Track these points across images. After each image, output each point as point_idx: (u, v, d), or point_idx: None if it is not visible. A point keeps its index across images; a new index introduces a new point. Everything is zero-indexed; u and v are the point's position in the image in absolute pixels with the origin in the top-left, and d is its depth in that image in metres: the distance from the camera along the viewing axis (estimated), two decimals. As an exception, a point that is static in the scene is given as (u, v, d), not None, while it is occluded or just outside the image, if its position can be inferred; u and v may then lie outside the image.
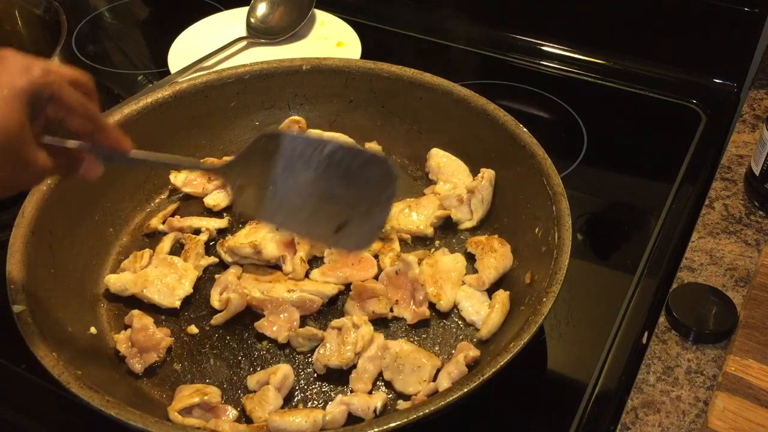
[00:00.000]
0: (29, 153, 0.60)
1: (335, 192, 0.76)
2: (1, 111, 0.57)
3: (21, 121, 0.58)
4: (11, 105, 0.58)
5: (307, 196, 0.76)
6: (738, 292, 0.87)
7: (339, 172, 0.75)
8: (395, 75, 1.03)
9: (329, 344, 0.81)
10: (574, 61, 1.28)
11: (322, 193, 0.76)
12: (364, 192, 0.76)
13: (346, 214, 0.77)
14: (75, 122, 0.65)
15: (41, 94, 0.61)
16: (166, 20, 1.42)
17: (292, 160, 0.76)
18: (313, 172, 0.76)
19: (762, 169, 0.94)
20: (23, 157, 0.60)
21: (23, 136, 0.59)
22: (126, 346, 0.82)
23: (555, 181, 0.86)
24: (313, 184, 0.76)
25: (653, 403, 0.77)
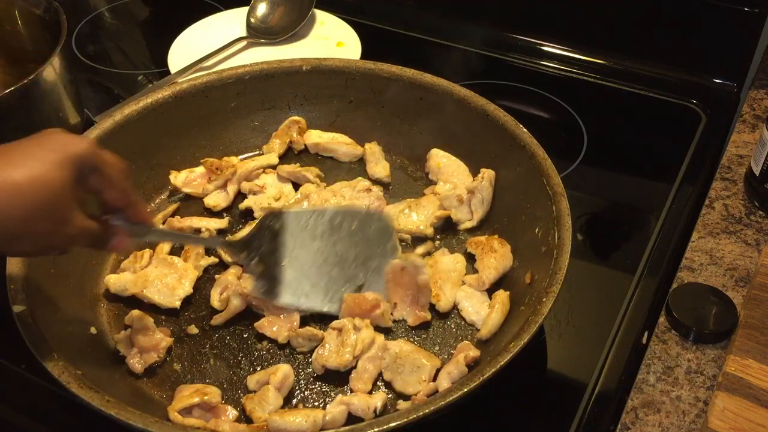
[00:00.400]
0: (70, 211, 0.65)
1: (345, 255, 0.84)
2: (50, 170, 0.62)
3: (66, 180, 0.63)
4: (59, 166, 0.63)
5: (321, 266, 0.84)
6: (738, 292, 0.87)
7: (342, 235, 0.84)
8: (395, 75, 1.03)
9: (328, 345, 0.81)
10: (574, 61, 1.28)
11: (334, 260, 0.84)
12: (370, 248, 0.84)
13: (361, 275, 0.84)
14: (111, 195, 0.71)
15: (86, 163, 0.66)
16: (166, 20, 1.42)
17: (298, 234, 0.83)
18: (320, 241, 0.84)
19: (762, 169, 0.94)
20: (64, 214, 0.65)
21: (66, 194, 0.64)
22: (126, 346, 0.82)
23: (555, 181, 0.86)
24: (323, 252, 0.84)
25: (653, 403, 0.77)
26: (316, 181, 1.01)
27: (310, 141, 1.07)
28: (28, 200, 0.61)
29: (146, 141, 1.00)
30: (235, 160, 1.03)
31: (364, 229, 0.84)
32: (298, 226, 0.83)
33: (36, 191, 0.61)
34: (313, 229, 0.83)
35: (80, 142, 0.66)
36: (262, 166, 1.03)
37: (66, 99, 1.02)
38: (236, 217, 1.00)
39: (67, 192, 0.64)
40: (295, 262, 0.82)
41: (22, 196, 0.60)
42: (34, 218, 0.62)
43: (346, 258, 0.83)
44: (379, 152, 1.05)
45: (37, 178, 0.61)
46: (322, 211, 0.84)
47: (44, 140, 0.65)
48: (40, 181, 0.61)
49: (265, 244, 0.82)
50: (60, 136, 0.66)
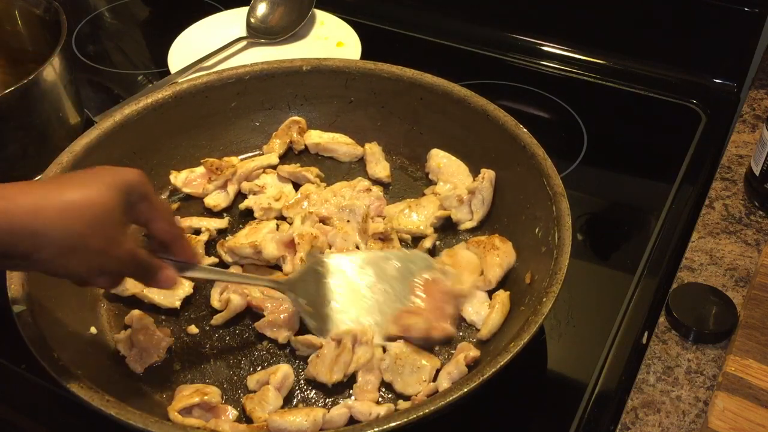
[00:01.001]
0: (120, 234, 0.67)
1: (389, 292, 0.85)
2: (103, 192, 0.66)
3: (117, 203, 0.66)
4: (111, 190, 0.66)
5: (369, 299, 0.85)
6: (738, 292, 0.87)
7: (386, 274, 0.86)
8: (395, 75, 1.03)
9: (323, 356, 0.80)
10: (574, 61, 1.28)
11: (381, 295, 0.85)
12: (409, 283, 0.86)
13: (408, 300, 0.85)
14: (159, 226, 0.72)
15: (137, 191, 0.69)
16: (166, 20, 1.42)
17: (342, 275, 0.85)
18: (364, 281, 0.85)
19: (762, 169, 0.94)
20: (116, 234, 0.67)
21: (117, 216, 0.66)
22: (126, 346, 0.82)
23: (555, 181, 0.86)
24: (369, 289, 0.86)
25: (653, 403, 0.77)
26: (316, 181, 1.01)
27: (310, 141, 1.07)
28: (82, 215, 0.63)
29: (146, 141, 1.00)
30: (236, 160, 1.03)
31: (407, 268, 0.86)
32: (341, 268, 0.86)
33: (90, 207, 0.64)
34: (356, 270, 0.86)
35: (130, 172, 0.69)
36: (263, 166, 1.03)
37: (66, 99, 1.02)
38: (236, 217, 1.00)
39: (118, 214, 0.66)
40: (343, 302, 0.84)
41: (78, 212, 0.63)
42: (88, 233, 0.64)
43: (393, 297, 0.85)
44: (379, 152, 1.05)
45: (91, 197, 0.64)
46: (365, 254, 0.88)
47: (96, 170, 0.68)
48: (94, 200, 0.64)
49: (311, 286, 0.84)
50: (111, 167, 0.70)
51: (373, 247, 0.92)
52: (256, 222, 0.97)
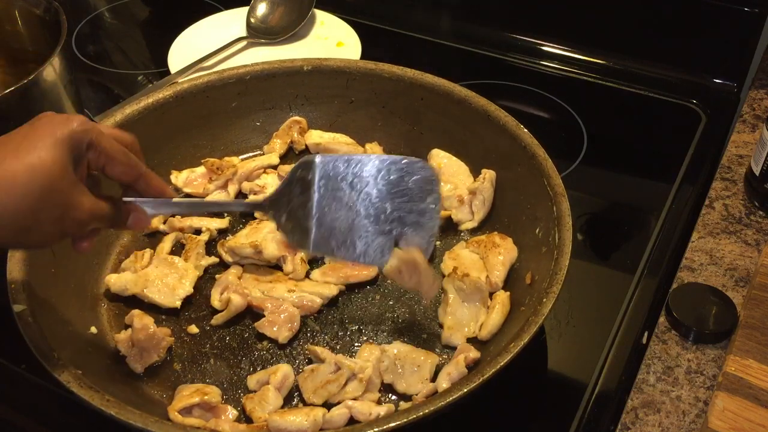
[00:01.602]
0: (75, 195, 0.64)
1: (382, 208, 0.77)
2: (45, 155, 0.61)
3: (63, 163, 0.62)
4: (53, 150, 0.61)
5: (355, 218, 0.77)
6: (738, 292, 0.87)
7: (380, 186, 0.76)
8: (396, 75, 1.03)
9: (316, 373, 0.79)
10: (574, 61, 1.28)
11: (370, 212, 0.77)
12: (410, 201, 0.77)
13: (397, 229, 0.77)
14: (116, 170, 0.68)
15: (81, 141, 0.64)
16: (166, 20, 1.42)
17: (332, 184, 0.76)
18: (355, 192, 0.77)
19: (762, 169, 0.94)
20: (69, 198, 0.63)
21: (66, 177, 0.62)
22: (126, 345, 0.82)
23: (555, 181, 0.86)
24: (358, 204, 0.76)
25: (653, 403, 0.77)
26: (316, 181, 1.01)
27: (310, 141, 1.07)
28: (28, 189, 0.60)
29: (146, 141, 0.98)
30: (236, 160, 1.03)
31: (404, 180, 0.77)
32: (331, 176, 0.76)
33: (35, 179, 0.60)
34: (348, 179, 0.76)
35: (70, 122, 0.64)
36: (263, 166, 1.03)
37: (66, 99, 1.02)
38: (237, 217, 1.00)
39: (67, 174, 0.62)
40: (328, 214, 0.76)
41: (23, 187, 0.60)
42: (39, 207, 0.61)
43: (383, 210, 0.77)
44: (379, 152, 1.05)
45: (33, 165, 0.60)
46: (359, 159, 0.77)
47: (35, 126, 0.63)
48: (37, 167, 0.60)
49: (296, 198, 0.76)
50: (51, 119, 0.64)
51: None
52: (257, 222, 0.97)
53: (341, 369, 0.78)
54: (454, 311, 0.84)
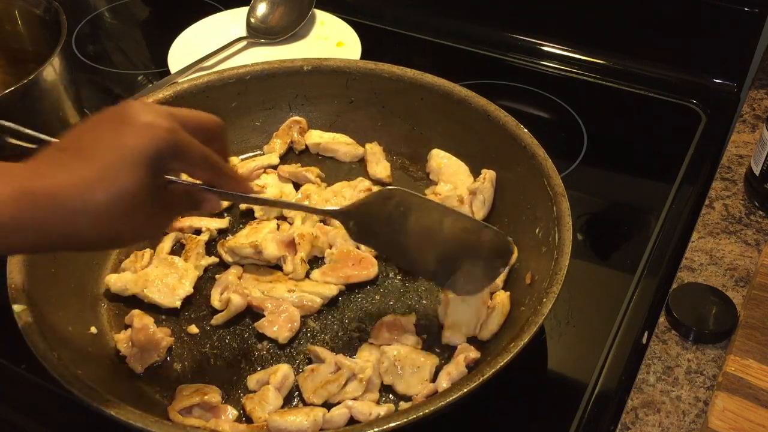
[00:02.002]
0: (147, 213, 0.62)
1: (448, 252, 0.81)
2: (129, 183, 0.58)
3: (143, 183, 0.59)
4: (134, 169, 0.58)
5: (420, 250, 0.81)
6: (738, 292, 0.87)
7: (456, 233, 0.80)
8: (396, 75, 1.03)
9: (316, 373, 0.79)
10: (574, 61, 1.28)
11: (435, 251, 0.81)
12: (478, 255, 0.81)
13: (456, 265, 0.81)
14: (198, 174, 0.67)
15: (167, 156, 0.61)
16: (166, 20, 1.42)
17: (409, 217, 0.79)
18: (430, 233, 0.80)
19: (762, 169, 0.94)
20: (141, 218, 0.61)
21: (144, 200, 0.60)
22: (126, 345, 0.82)
23: (555, 181, 0.86)
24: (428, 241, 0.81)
25: (653, 403, 0.77)
26: (316, 181, 1.01)
27: (310, 141, 1.07)
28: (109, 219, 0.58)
29: (146, 141, 1.00)
30: (236, 160, 1.03)
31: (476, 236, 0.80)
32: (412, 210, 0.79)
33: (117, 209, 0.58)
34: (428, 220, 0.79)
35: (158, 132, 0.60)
36: (263, 166, 1.03)
37: (66, 99, 1.02)
38: (237, 217, 0.99)
39: (149, 196, 0.60)
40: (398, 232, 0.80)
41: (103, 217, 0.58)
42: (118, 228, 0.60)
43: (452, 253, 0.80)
44: (379, 152, 1.05)
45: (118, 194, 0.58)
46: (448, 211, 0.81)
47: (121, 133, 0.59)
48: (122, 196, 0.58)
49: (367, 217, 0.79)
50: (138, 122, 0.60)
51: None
52: (257, 222, 0.97)
53: (341, 369, 0.78)
54: (454, 311, 0.84)
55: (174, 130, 0.61)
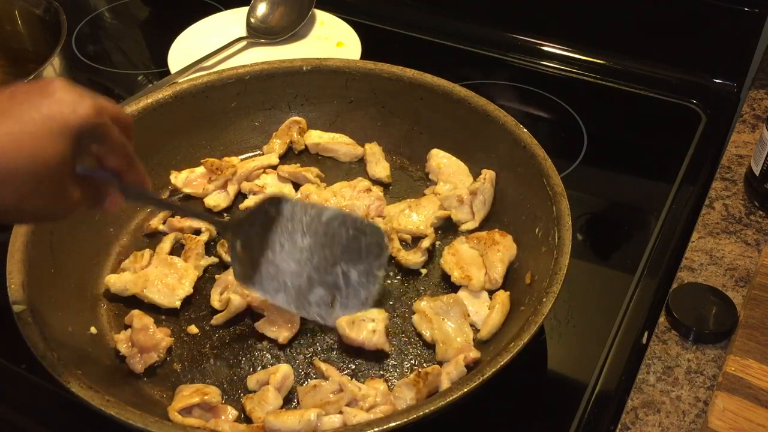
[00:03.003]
0: (66, 187, 0.62)
1: (330, 260, 0.80)
2: (48, 144, 0.58)
3: (65, 156, 0.59)
4: (58, 140, 0.58)
5: (303, 264, 0.80)
6: (738, 292, 0.87)
7: (334, 239, 0.80)
8: (396, 75, 1.03)
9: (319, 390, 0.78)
10: (574, 61, 1.28)
11: (317, 261, 0.80)
12: (357, 261, 0.80)
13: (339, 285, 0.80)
14: (111, 160, 0.66)
15: (89, 135, 0.61)
16: (166, 20, 1.42)
17: (291, 224, 0.80)
18: (310, 239, 0.80)
19: (762, 169, 0.94)
20: (60, 190, 0.61)
21: (63, 170, 0.60)
22: (126, 346, 0.82)
23: (555, 181, 0.86)
24: (309, 251, 0.80)
25: (653, 403, 0.77)
26: (316, 181, 1.01)
27: (310, 141, 1.07)
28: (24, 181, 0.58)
29: (146, 141, 0.99)
30: (236, 160, 1.03)
31: (358, 239, 0.81)
32: (293, 217, 0.80)
33: (34, 172, 0.58)
34: (307, 224, 0.80)
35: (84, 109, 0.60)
36: (263, 166, 1.03)
37: (66, 99, 1.02)
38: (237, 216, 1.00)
39: (65, 168, 0.60)
40: (279, 253, 0.80)
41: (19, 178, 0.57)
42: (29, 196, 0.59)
43: (331, 263, 0.80)
44: (379, 152, 1.05)
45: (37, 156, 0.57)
46: (323, 208, 0.81)
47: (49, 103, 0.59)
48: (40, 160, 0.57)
49: (256, 230, 0.80)
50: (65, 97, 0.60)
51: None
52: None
53: (344, 390, 0.77)
54: (440, 327, 0.84)
55: (100, 110, 0.62)
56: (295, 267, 0.80)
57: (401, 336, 0.85)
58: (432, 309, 0.85)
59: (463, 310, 0.85)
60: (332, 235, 0.80)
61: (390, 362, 0.83)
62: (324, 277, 0.80)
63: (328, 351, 0.84)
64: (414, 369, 0.81)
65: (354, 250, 0.81)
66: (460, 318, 0.84)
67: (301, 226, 0.80)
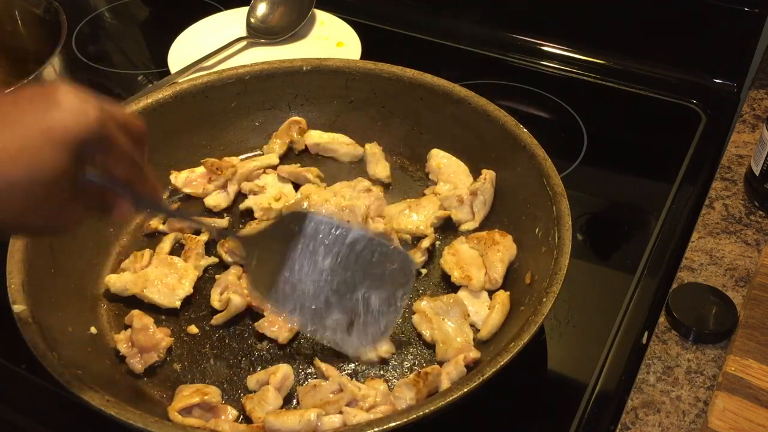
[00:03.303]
0: (68, 200, 0.59)
1: (351, 285, 0.77)
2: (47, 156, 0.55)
3: (65, 168, 0.56)
4: (58, 150, 0.55)
5: (322, 286, 0.77)
6: (738, 292, 0.87)
7: (358, 261, 0.76)
8: (396, 75, 1.03)
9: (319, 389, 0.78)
10: (574, 61, 1.28)
11: (337, 285, 0.77)
12: (380, 285, 0.77)
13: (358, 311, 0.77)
14: (119, 170, 0.63)
15: (93, 146, 0.58)
16: (166, 20, 1.42)
17: (313, 243, 0.76)
18: (331, 260, 0.76)
19: (762, 169, 0.94)
20: (61, 203, 0.58)
21: (64, 183, 0.57)
22: (126, 346, 0.82)
23: (555, 181, 0.86)
24: (330, 273, 0.76)
25: (653, 403, 0.77)
26: (316, 181, 1.01)
27: (310, 141, 1.07)
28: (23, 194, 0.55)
29: (146, 141, 1.00)
30: (236, 161, 1.03)
31: (382, 264, 0.77)
32: (316, 235, 0.76)
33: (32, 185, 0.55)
34: (330, 244, 0.76)
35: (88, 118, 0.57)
36: (263, 167, 1.03)
37: (66, 99, 1.02)
38: (237, 218, 1.00)
39: (66, 180, 0.57)
40: (298, 273, 0.77)
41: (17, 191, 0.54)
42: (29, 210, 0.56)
43: (351, 287, 0.77)
44: (379, 152, 1.05)
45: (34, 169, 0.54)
46: (348, 229, 0.77)
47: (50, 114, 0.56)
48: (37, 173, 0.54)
49: (275, 245, 0.76)
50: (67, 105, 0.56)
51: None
52: (257, 222, 0.97)
53: (344, 390, 0.77)
54: (440, 327, 0.84)
55: (104, 120, 0.58)
56: (313, 289, 0.77)
57: (401, 336, 0.85)
58: (432, 309, 0.85)
59: (463, 310, 0.85)
60: (356, 257, 0.76)
61: (390, 362, 0.83)
62: (343, 301, 0.77)
63: (328, 351, 0.84)
64: (414, 369, 0.81)
65: (377, 276, 0.77)
66: (460, 318, 0.84)
67: (323, 246, 0.76)
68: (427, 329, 0.84)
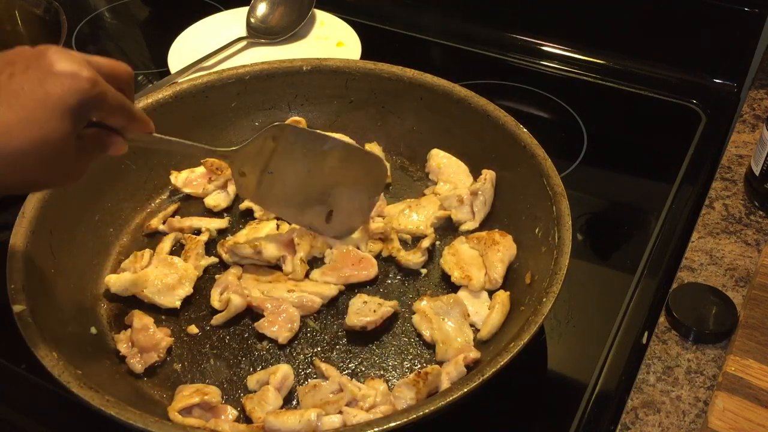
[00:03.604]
0: (69, 163, 0.64)
1: (329, 182, 0.86)
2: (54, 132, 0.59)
3: (68, 131, 0.60)
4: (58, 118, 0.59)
5: (301, 184, 0.86)
6: (738, 292, 0.87)
7: (334, 164, 0.85)
8: (395, 75, 1.03)
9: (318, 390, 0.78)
10: (574, 61, 1.28)
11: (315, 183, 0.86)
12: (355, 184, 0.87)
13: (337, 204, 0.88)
14: (112, 120, 0.67)
15: (90, 107, 0.62)
16: (166, 20, 1.42)
17: (293, 149, 0.84)
18: (310, 163, 0.85)
19: (762, 169, 0.94)
20: (63, 165, 0.63)
21: (66, 148, 0.61)
22: (126, 346, 0.82)
23: (555, 181, 0.86)
24: (309, 172, 0.85)
25: (653, 403, 0.77)
26: (316, 181, 1.01)
27: (310, 141, 1.07)
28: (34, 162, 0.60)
29: (146, 141, 1.00)
30: (235, 160, 1.03)
31: (355, 167, 0.87)
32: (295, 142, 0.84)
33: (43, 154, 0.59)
34: (308, 150, 0.84)
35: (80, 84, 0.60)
36: (262, 166, 1.03)
37: (66, 99, 1.02)
38: (236, 218, 1.00)
39: (65, 145, 0.61)
40: (280, 174, 0.84)
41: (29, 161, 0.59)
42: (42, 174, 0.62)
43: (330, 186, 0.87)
44: (379, 152, 1.05)
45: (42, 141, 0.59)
46: (325, 137, 0.87)
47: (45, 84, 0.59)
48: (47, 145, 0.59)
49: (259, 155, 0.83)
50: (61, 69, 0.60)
51: (372, 248, 0.93)
52: (256, 222, 0.97)
53: (344, 390, 0.77)
54: (440, 327, 0.84)
55: (96, 80, 0.62)
56: (295, 185, 0.85)
57: (401, 336, 0.85)
58: (432, 309, 0.85)
59: (463, 310, 0.85)
60: (333, 161, 0.85)
61: (390, 362, 0.83)
62: (322, 197, 0.87)
63: (328, 351, 0.84)
64: (414, 369, 0.81)
65: (352, 176, 0.87)
66: (460, 318, 0.84)
67: (303, 150, 0.84)
68: (427, 329, 0.84)
